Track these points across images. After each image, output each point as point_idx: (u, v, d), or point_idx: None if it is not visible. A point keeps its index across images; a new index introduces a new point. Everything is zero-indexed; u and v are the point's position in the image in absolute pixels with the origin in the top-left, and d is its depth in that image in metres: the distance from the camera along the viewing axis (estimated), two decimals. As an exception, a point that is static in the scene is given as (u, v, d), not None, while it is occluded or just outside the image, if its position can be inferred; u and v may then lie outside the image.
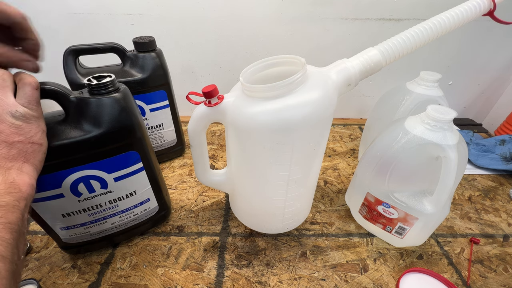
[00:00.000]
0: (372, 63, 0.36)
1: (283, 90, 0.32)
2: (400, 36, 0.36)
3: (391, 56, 0.36)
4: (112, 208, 0.42)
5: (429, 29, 0.36)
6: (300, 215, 0.48)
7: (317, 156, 0.40)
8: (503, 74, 0.82)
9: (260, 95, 0.33)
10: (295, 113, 0.32)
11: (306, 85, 0.33)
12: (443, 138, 0.36)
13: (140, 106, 0.56)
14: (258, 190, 0.42)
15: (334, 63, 0.37)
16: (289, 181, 0.39)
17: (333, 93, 0.35)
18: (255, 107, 0.33)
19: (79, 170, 0.36)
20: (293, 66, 0.37)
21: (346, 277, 0.43)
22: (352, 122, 0.87)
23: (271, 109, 0.32)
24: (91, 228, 0.43)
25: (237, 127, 0.36)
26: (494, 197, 0.58)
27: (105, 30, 0.72)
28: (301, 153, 0.36)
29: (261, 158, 0.37)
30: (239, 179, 0.43)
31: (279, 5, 0.69)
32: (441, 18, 0.36)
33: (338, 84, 0.35)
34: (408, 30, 0.36)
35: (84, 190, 0.38)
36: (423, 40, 0.36)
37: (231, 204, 0.52)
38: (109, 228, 0.44)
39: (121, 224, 0.45)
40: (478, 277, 0.43)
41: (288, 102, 0.32)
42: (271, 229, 0.48)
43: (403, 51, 0.36)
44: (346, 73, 0.35)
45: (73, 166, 0.36)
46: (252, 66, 0.37)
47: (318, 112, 0.33)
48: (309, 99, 0.33)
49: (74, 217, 0.40)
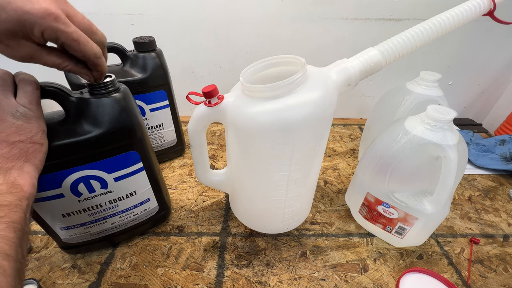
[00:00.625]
0: (372, 63, 0.36)
1: (283, 90, 0.32)
2: (400, 36, 0.36)
3: (391, 56, 0.36)
4: (112, 208, 0.42)
5: (429, 29, 0.36)
6: (300, 215, 0.48)
7: (317, 156, 0.40)
8: (503, 74, 0.82)
9: (260, 95, 0.33)
10: (295, 113, 0.32)
11: (306, 85, 0.33)
12: (443, 138, 0.36)
13: (140, 106, 0.56)
14: (258, 190, 0.42)
15: (334, 63, 0.37)
16: (289, 181, 0.39)
17: (333, 93, 0.35)
18: (255, 107, 0.33)
19: (79, 170, 0.36)
20: (293, 66, 0.37)
21: (346, 277, 0.43)
22: (352, 122, 0.87)
23: (271, 109, 0.32)
24: (91, 228, 0.43)
25: (237, 127, 0.36)
26: (494, 197, 0.58)
27: (105, 30, 0.71)
28: (301, 153, 0.36)
29: (261, 158, 0.37)
30: (239, 179, 0.43)
31: (279, 5, 0.69)
32: (441, 18, 0.36)
33: (338, 84, 0.35)
34: (408, 30, 0.36)
35: (84, 190, 0.38)
36: (423, 40, 0.36)
37: (231, 204, 0.52)
38: (109, 228, 0.44)
39: (121, 224, 0.45)
40: (478, 277, 0.43)
41: (288, 102, 0.32)
42: (271, 229, 0.48)
43: (403, 51, 0.36)
44: (346, 73, 0.35)
45: (73, 166, 0.36)
46: (252, 66, 0.37)
47: (318, 112, 0.33)
48: (309, 99, 0.33)
49: (74, 217, 0.40)
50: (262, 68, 0.38)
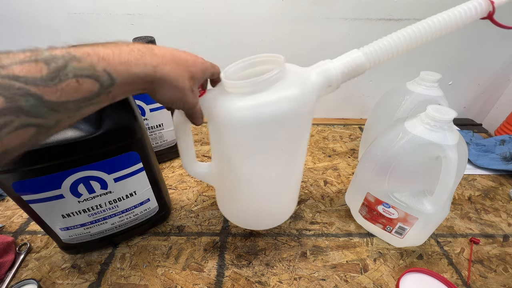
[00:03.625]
0: (355, 65, 0.35)
1: (258, 86, 0.32)
2: (386, 39, 0.35)
3: (375, 59, 0.35)
4: (112, 208, 0.42)
5: (418, 32, 0.34)
6: (281, 213, 0.47)
7: (295, 155, 0.39)
8: (503, 74, 0.82)
9: (236, 90, 0.33)
10: (267, 110, 0.32)
11: (282, 83, 0.33)
12: (443, 138, 0.36)
13: (140, 106, 0.56)
14: (235, 185, 0.42)
15: (317, 63, 0.37)
16: (265, 178, 0.39)
17: (311, 93, 0.35)
18: (230, 102, 0.34)
19: (79, 171, 0.36)
20: (275, 64, 0.36)
21: (346, 277, 0.43)
22: (352, 122, 0.87)
23: (245, 105, 0.33)
24: (91, 229, 0.42)
25: (214, 121, 0.36)
26: (494, 197, 0.58)
27: (105, 30, 0.72)
28: (274, 150, 0.36)
29: (236, 153, 0.37)
30: (218, 173, 0.43)
31: (280, 5, 0.69)
32: (432, 20, 0.35)
33: (318, 84, 0.35)
34: (396, 32, 0.35)
35: (84, 190, 0.38)
36: (412, 43, 0.34)
37: (216, 197, 0.52)
38: (109, 228, 0.44)
39: (121, 225, 0.45)
40: (478, 277, 0.43)
41: (262, 99, 0.32)
42: (251, 225, 0.48)
43: (388, 54, 0.35)
44: (327, 74, 0.35)
45: (73, 167, 0.36)
46: (233, 65, 0.37)
47: (292, 110, 0.33)
48: (284, 96, 0.33)
49: (74, 217, 0.40)
50: (244, 67, 0.38)
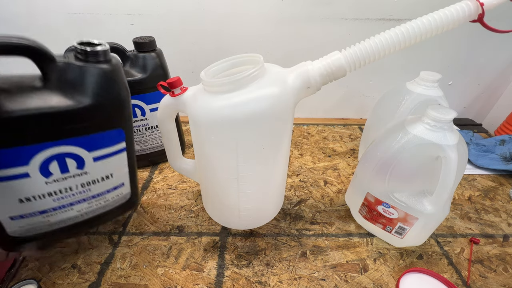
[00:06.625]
0: (334, 67, 0.34)
1: (236, 84, 0.33)
2: (368, 42, 0.34)
3: (355, 62, 0.34)
4: (84, 192, 0.38)
5: (401, 34, 0.33)
6: (260, 215, 0.47)
7: (272, 157, 0.39)
8: (503, 74, 0.82)
9: (214, 89, 0.34)
10: (245, 108, 0.33)
11: (260, 82, 0.33)
12: (443, 138, 0.36)
13: (140, 106, 0.57)
14: (211, 182, 0.42)
15: (298, 64, 0.37)
16: (238, 177, 0.39)
17: (289, 94, 0.35)
18: (209, 100, 0.34)
19: (54, 145, 0.31)
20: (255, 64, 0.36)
21: (346, 277, 0.43)
22: (352, 122, 0.87)
23: (224, 104, 0.33)
24: (51, 217, 0.37)
25: (191, 117, 0.37)
26: (494, 197, 0.58)
27: (105, 30, 0.72)
28: (248, 150, 0.36)
29: (209, 150, 0.38)
30: (199, 169, 0.44)
31: (279, 5, 0.69)
32: (416, 23, 0.34)
33: (295, 86, 0.35)
34: (378, 35, 0.34)
35: (56, 169, 0.33)
36: (395, 45, 0.33)
37: (202, 195, 0.52)
38: (74, 216, 0.39)
39: (88, 212, 0.40)
40: (478, 277, 0.43)
41: (240, 97, 0.33)
42: (229, 224, 0.48)
43: (369, 57, 0.34)
44: (305, 75, 0.35)
45: (48, 140, 0.31)
46: (215, 65, 0.38)
47: (270, 109, 0.33)
48: (262, 95, 0.33)
49: (34, 202, 0.34)
50: (226, 68, 0.38)
